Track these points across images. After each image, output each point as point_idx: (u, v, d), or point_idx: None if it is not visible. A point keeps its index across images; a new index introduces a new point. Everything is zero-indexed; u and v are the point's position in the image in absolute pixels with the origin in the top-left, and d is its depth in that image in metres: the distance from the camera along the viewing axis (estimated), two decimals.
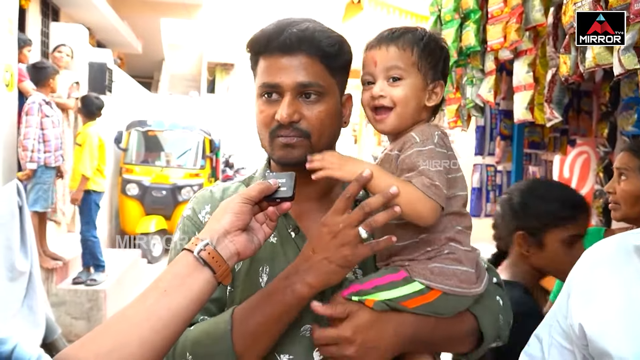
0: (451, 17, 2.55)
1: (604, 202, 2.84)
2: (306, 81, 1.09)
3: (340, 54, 1.15)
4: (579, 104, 3.37)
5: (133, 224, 8.65)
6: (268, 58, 1.11)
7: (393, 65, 1.11)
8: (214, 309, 1.13)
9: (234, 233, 0.94)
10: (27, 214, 4.17)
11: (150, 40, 14.99)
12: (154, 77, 19.43)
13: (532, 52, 2.34)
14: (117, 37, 11.47)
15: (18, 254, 3.97)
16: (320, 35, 1.11)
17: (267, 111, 1.11)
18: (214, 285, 0.91)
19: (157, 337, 0.84)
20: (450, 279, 1.05)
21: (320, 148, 1.11)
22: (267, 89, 1.11)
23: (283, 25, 1.11)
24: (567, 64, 1.90)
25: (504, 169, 3.61)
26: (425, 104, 1.13)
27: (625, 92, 2.71)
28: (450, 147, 1.10)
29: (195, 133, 9.57)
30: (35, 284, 4.17)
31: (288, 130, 1.10)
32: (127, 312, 0.86)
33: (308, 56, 1.10)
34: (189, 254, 0.91)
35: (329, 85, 1.13)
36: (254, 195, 0.97)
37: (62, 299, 5.48)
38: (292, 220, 1.17)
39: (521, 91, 2.39)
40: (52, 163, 5.36)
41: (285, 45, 1.09)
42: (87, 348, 0.82)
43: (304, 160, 1.07)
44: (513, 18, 2.19)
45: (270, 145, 1.14)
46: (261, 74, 1.12)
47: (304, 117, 1.10)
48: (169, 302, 0.86)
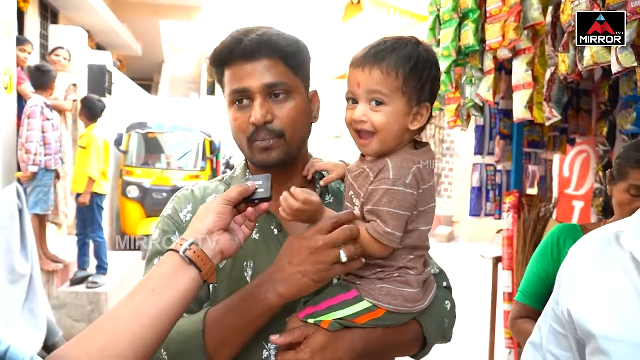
0: (450, 17, 2.55)
1: (603, 201, 2.83)
2: (272, 81, 1.15)
3: (299, 53, 1.20)
4: (578, 103, 3.37)
5: (134, 226, 8.65)
6: (232, 67, 1.16)
7: (375, 89, 1.08)
8: (193, 306, 1.15)
9: (216, 232, 0.98)
10: (27, 217, 4.17)
11: (150, 43, 15.01)
12: (153, 79, 19.44)
13: (530, 50, 2.34)
14: (117, 40, 11.48)
15: (18, 256, 3.97)
16: (278, 38, 1.17)
17: (241, 117, 1.17)
18: (199, 283, 0.95)
19: (146, 334, 0.87)
20: (396, 299, 1.11)
21: (294, 145, 1.19)
22: (237, 95, 1.16)
23: (240, 35, 1.16)
24: (565, 63, 1.90)
25: (503, 168, 3.60)
26: (409, 127, 1.11)
27: (624, 91, 2.71)
28: (425, 180, 1.10)
29: (195, 135, 9.57)
30: (36, 286, 4.17)
31: (264, 133, 1.15)
32: (117, 312, 0.89)
33: (270, 58, 1.15)
34: (175, 253, 0.94)
35: (294, 83, 1.18)
36: (233, 196, 1.01)
37: (63, 302, 5.48)
38: (275, 218, 1.21)
39: (520, 90, 2.39)
40: (52, 166, 5.37)
41: (247, 52, 1.14)
42: (79, 347, 0.84)
43: (283, 161, 1.17)
44: (511, 17, 2.18)
45: (249, 150, 1.19)
46: (228, 83, 1.18)
47: (275, 116, 1.15)
48: (157, 301, 0.89)
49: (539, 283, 1.93)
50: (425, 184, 1.10)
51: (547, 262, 1.92)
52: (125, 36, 11.61)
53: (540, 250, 1.96)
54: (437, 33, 2.67)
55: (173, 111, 12.43)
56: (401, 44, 1.10)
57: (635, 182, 1.70)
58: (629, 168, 1.72)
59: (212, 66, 1.22)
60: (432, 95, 1.14)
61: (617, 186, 1.76)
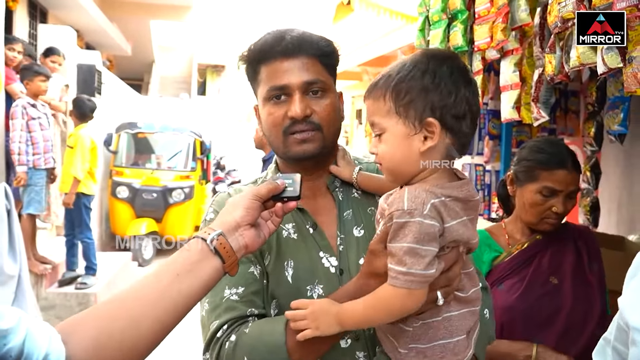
0: (439, 18, 2.56)
1: (590, 201, 2.85)
2: (311, 79, 1.19)
3: (333, 54, 1.25)
4: (566, 104, 3.39)
5: (123, 227, 8.60)
6: (271, 64, 1.20)
7: (372, 120, 1.03)
8: (257, 301, 1.18)
9: (244, 227, 0.99)
10: (16, 217, 4.13)
11: (140, 42, 14.95)
12: (144, 79, 19.36)
13: (518, 51, 2.36)
14: (106, 39, 11.43)
15: (6, 257, 3.93)
16: (316, 38, 1.22)
17: (277, 112, 1.20)
18: (221, 274, 0.95)
19: (167, 318, 0.88)
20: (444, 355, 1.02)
21: (329, 139, 1.22)
22: (276, 91, 1.19)
23: (281, 33, 1.20)
24: (552, 64, 1.91)
25: (492, 168, 3.62)
26: (421, 150, 0.98)
27: (612, 92, 2.73)
28: (456, 215, 0.97)
29: (185, 135, 9.53)
30: (25, 287, 4.13)
31: (302, 125, 1.19)
32: (142, 291, 0.89)
33: (308, 57, 1.20)
34: (202, 241, 0.95)
35: (329, 82, 1.23)
36: (263, 193, 1.03)
37: (51, 303, 5.44)
38: (310, 217, 1.24)
39: (508, 91, 2.40)
40: (42, 165, 5.31)
41: (287, 50, 1.18)
42: (101, 323, 0.84)
43: (319, 154, 1.20)
44: (499, 18, 2.20)
45: (284, 143, 1.21)
46: (266, 79, 1.21)
47: (314, 111, 1.19)
48: (180, 285, 0.90)
49: None
50: (457, 219, 0.97)
51: None
52: (115, 36, 11.55)
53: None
54: (426, 34, 2.69)
55: (163, 111, 12.38)
56: (393, 65, 1.03)
57: (548, 183, 1.77)
58: (541, 170, 1.78)
59: (246, 62, 1.25)
60: (438, 108, 0.97)
61: (527, 187, 1.82)
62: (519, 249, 1.86)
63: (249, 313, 1.15)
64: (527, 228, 1.88)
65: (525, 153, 1.86)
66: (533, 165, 1.81)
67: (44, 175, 5.38)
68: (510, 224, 1.93)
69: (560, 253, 1.83)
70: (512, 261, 1.83)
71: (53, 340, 0.78)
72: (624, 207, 3.29)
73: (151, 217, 8.70)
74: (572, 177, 1.78)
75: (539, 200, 1.79)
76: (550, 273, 1.80)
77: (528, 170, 1.82)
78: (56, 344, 0.78)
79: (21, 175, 5.10)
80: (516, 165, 1.88)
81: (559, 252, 1.83)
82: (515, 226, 1.91)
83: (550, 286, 1.78)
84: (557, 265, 1.81)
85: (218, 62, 23.13)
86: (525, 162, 1.84)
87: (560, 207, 1.77)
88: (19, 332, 0.74)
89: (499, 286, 1.81)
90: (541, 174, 1.78)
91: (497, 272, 1.84)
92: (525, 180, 1.83)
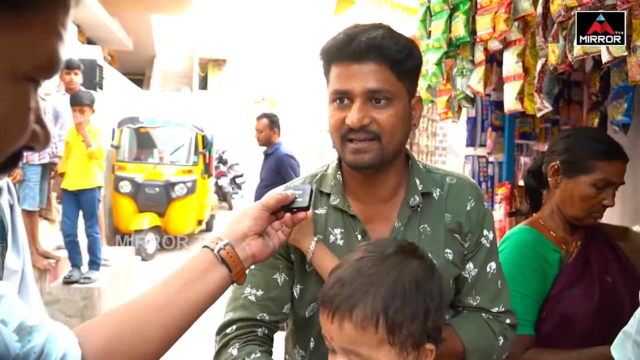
0: (440, 8, 2.55)
1: None
2: (375, 87, 1.14)
3: (409, 59, 1.17)
4: (569, 94, 3.38)
5: (126, 222, 8.62)
6: (339, 65, 1.17)
7: (354, 350, 0.89)
8: (272, 306, 1.24)
9: (251, 237, 1.01)
10: (19, 213, 4.14)
11: (141, 37, 14.92)
12: (145, 74, 19.34)
13: (521, 42, 2.34)
14: (107, 34, 11.41)
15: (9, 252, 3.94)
16: (389, 42, 1.15)
17: (338, 115, 1.17)
18: (228, 283, 0.97)
19: (174, 325, 0.90)
20: None
21: (390, 150, 1.17)
22: (339, 95, 1.17)
23: (353, 34, 1.15)
24: (555, 53, 1.90)
25: (495, 160, 3.61)
26: None
27: (615, 82, 2.71)
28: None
29: (187, 129, 9.53)
30: (28, 282, 4.13)
31: (359, 133, 1.15)
32: (151, 298, 0.92)
33: (377, 63, 1.14)
34: (209, 251, 0.97)
35: (397, 90, 1.17)
36: (272, 204, 1.04)
37: (55, 297, 5.46)
38: (360, 224, 1.23)
39: (511, 81, 2.39)
40: (36, 160, 5.29)
41: (355, 53, 1.13)
42: (112, 327, 0.87)
43: (375, 164, 1.16)
44: (502, 8, 2.18)
45: (341, 149, 1.19)
46: (333, 81, 1.18)
47: (374, 120, 1.15)
48: (187, 293, 0.92)
49: (533, 304, 1.70)
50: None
51: (530, 277, 1.70)
52: (116, 31, 11.54)
53: (520, 264, 1.72)
54: (428, 25, 2.67)
55: (165, 106, 12.37)
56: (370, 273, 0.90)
57: (605, 175, 1.66)
58: (597, 161, 1.67)
59: (321, 59, 1.23)
60: (432, 328, 0.90)
61: (578, 179, 1.70)
62: (575, 247, 1.73)
63: (259, 317, 1.22)
64: (567, 223, 1.76)
65: (574, 142, 1.73)
66: (587, 156, 1.69)
67: (38, 171, 5.35)
68: (547, 220, 1.80)
69: (600, 249, 1.75)
70: (576, 261, 1.71)
71: (71, 342, 0.81)
72: (627, 198, 3.27)
73: (154, 212, 8.72)
74: (624, 169, 1.69)
75: (592, 193, 1.67)
76: (604, 271, 1.71)
77: (581, 160, 1.70)
78: (73, 345, 0.81)
79: (17, 171, 5.11)
80: (562, 155, 1.75)
81: (599, 248, 1.75)
82: (553, 221, 1.79)
83: (610, 285, 1.69)
84: (603, 262, 1.73)
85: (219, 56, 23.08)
86: (577, 152, 1.71)
87: (611, 201, 1.67)
88: (42, 331, 0.78)
89: (571, 290, 1.68)
90: (598, 165, 1.66)
91: (566, 276, 1.70)
92: (576, 171, 1.70)
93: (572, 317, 1.66)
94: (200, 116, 11.16)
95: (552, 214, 1.79)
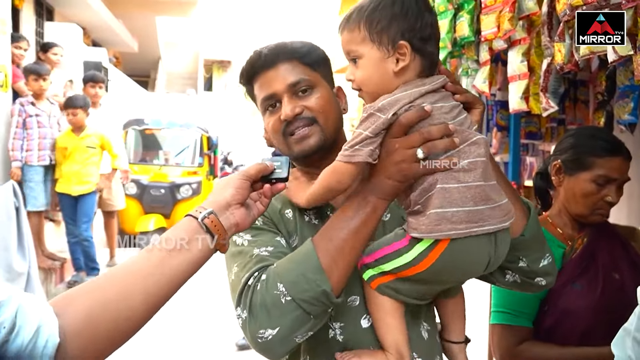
0: (445, 8, 2.53)
1: None
2: (295, 80, 1.24)
3: (313, 51, 1.30)
4: (575, 94, 3.36)
5: (132, 223, 8.63)
6: (258, 79, 1.27)
7: (348, 49, 1.13)
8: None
9: (234, 206, 1.02)
10: (24, 215, 4.16)
11: (146, 39, 14.96)
12: (150, 76, 19.42)
13: (526, 41, 2.33)
14: (113, 36, 11.44)
15: (15, 255, 3.96)
16: (291, 43, 1.29)
17: (273, 118, 1.25)
18: (211, 251, 0.98)
19: (158, 292, 0.91)
20: (454, 221, 1.03)
21: (330, 130, 1.24)
22: (267, 101, 1.26)
23: (258, 51, 1.29)
24: (561, 52, 1.88)
25: (501, 160, 3.59)
26: (394, 71, 1.09)
27: (622, 81, 2.70)
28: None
29: (192, 131, 9.55)
30: (34, 284, 4.16)
31: (297, 122, 1.22)
32: (132, 267, 0.92)
33: (287, 61, 1.26)
34: (193, 219, 0.98)
35: (315, 78, 1.27)
36: (252, 173, 1.06)
37: None
38: (329, 204, 1.26)
39: (516, 81, 2.37)
40: (35, 162, 5.34)
41: (267, 62, 1.25)
42: (91, 295, 0.87)
43: (321, 147, 1.23)
44: (506, 7, 2.17)
45: (286, 146, 1.26)
46: (258, 93, 1.28)
47: (305, 107, 1.23)
48: (171, 261, 0.93)
49: (532, 297, 1.72)
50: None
51: None
52: (121, 33, 11.57)
53: None
54: None
55: (170, 107, 12.40)
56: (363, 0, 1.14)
57: (604, 171, 1.67)
58: (596, 158, 1.69)
59: (243, 85, 1.33)
60: (407, 32, 1.08)
61: (578, 177, 1.72)
62: (581, 243, 1.75)
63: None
64: (575, 221, 1.78)
65: (575, 140, 1.76)
66: (587, 153, 1.71)
67: (39, 172, 5.40)
68: (555, 218, 1.82)
69: (610, 246, 1.75)
70: (581, 257, 1.73)
71: (45, 314, 0.80)
72: (634, 198, 3.25)
73: (159, 213, 8.74)
74: (626, 166, 1.70)
75: (593, 190, 1.69)
76: (611, 268, 1.71)
77: (581, 158, 1.71)
78: (48, 317, 0.81)
79: (14, 171, 5.19)
80: (564, 154, 1.77)
81: (609, 245, 1.75)
82: (561, 219, 1.81)
83: (617, 282, 1.70)
84: (612, 259, 1.73)
85: (224, 58, 23.13)
86: (577, 150, 1.73)
87: (615, 197, 1.68)
88: (10, 305, 0.77)
89: (573, 285, 1.70)
90: (596, 162, 1.68)
91: (569, 270, 1.72)
92: (576, 168, 1.72)
93: (573, 312, 1.68)
94: (205, 117, 11.19)
95: (560, 212, 1.81)
